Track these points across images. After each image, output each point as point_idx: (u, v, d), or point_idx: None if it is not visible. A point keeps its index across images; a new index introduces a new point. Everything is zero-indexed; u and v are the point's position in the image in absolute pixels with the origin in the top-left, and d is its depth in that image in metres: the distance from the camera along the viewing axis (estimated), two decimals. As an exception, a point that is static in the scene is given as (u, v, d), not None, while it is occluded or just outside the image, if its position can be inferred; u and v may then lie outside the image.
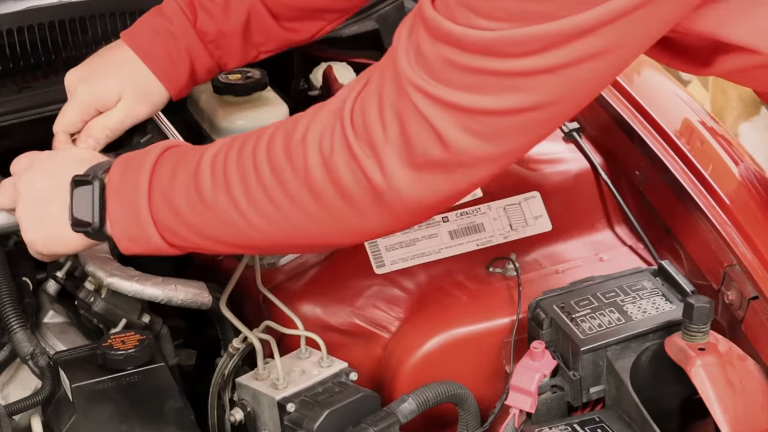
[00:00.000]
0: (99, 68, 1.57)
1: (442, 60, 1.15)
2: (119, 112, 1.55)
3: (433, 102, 1.16)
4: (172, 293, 1.55)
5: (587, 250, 1.69)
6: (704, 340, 1.39)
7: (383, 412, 1.42)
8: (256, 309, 1.62)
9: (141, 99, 1.56)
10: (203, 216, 1.29)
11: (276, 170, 1.24)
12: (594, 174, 1.75)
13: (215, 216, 1.29)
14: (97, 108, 1.55)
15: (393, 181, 1.19)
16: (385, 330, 1.62)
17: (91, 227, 1.34)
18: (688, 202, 1.62)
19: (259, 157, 1.26)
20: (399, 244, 1.65)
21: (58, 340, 1.56)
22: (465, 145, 1.17)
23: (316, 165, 1.22)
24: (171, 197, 1.30)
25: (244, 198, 1.26)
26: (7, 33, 1.72)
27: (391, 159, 1.19)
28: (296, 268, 1.64)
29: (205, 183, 1.28)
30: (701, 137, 1.74)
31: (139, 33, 1.57)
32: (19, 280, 1.54)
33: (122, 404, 1.38)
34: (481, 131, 1.16)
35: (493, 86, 1.14)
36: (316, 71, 1.93)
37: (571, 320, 1.49)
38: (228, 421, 1.50)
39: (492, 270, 1.64)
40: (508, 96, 1.14)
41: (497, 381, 1.58)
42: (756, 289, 1.47)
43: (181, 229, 1.31)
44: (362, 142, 1.19)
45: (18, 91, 1.71)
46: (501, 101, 1.15)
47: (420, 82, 1.16)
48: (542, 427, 1.42)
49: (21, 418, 1.46)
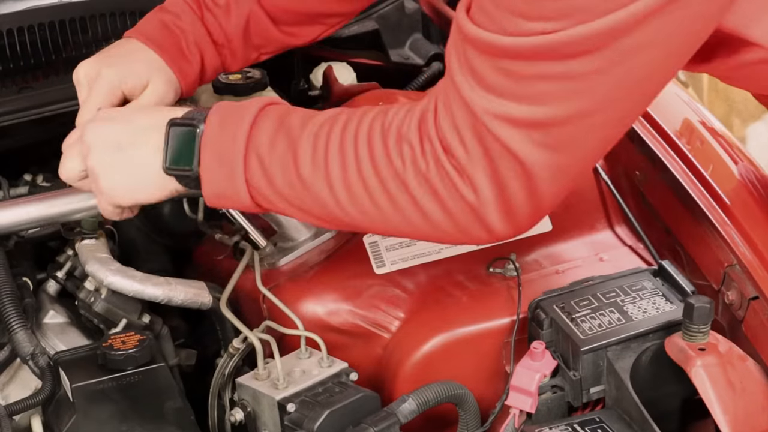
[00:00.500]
0: (118, 55, 1.55)
1: (501, 74, 1.15)
2: (153, 95, 1.53)
3: (504, 122, 1.17)
4: (172, 293, 1.55)
5: (587, 250, 1.69)
6: (704, 340, 1.39)
7: (383, 412, 1.42)
8: (256, 309, 1.62)
9: (169, 84, 1.54)
10: (298, 191, 1.30)
11: (375, 166, 1.25)
12: (594, 174, 1.75)
13: (309, 194, 1.29)
14: (124, 91, 1.52)
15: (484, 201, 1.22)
16: (385, 330, 1.62)
17: (192, 172, 1.32)
18: (689, 202, 1.62)
19: (360, 147, 1.26)
20: (399, 244, 1.64)
21: (58, 340, 1.56)
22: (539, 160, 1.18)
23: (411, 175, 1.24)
24: (268, 164, 1.30)
25: (342, 186, 1.27)
26: (7, 33, 1.73)
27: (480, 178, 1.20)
28: (296, 268, 1.64)
29: (304, 160, 1.28)
30: (701, 137, 1.74)
31: (146, 28, 1.57)
32: (19, 280, 1.54)
33: (122, 404, 1.39)
34: (551, 143, 1.18)
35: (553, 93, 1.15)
36: (316, 71, 1.93)
37: (572, 320, 1.49)
38: (228, 421, 1.50)
39: (492, 270, 1.64)
40: (569, 101, 1.15)
41: (497, 381, 1.58)
42: (756, 289, 1.47)
43: (272, 195, 1.31)
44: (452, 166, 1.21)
45: (18, 91, 1.72)
46: (563, 107, 1.15)
47: (488, 105, 1.17)
48: (542, 427, 1.42)
49: (21, 418, 1.46)
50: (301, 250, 1.64)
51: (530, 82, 1.15)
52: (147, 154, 1.35)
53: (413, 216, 1.26)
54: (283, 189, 1.30)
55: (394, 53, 2.06)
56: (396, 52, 2.07)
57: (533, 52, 1.13)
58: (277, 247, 1.65)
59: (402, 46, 2.08)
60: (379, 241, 1.64)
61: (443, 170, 1.22)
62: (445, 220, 1.25)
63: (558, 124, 1.17)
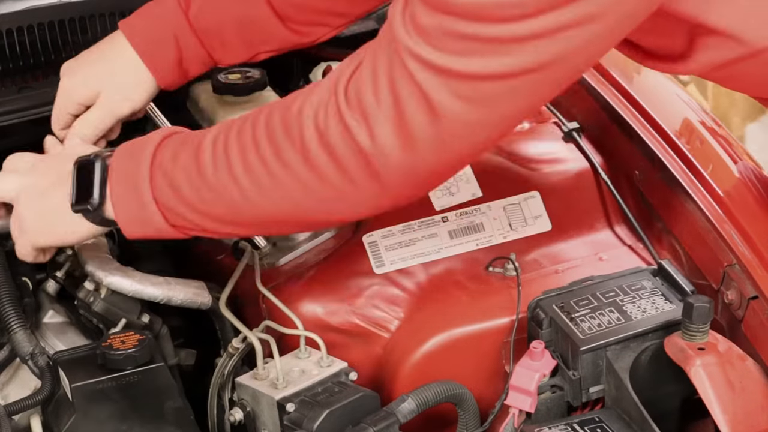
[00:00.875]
0: (86, 60, 1.59)
1: (438, 27, 1.15)
2: (99, 109, 1.56)
3: (426, 67, 1.16)
4: (171, 293, 1.55)
5: (587, 250, 1.69)
6: (704, 339, 1.39)
7: (383, 412, 1.42)
8: (256, 309, 1.62)
9: (123, 93, 1.56)
10: (204, 194, 1.30)
11: (274, 143, 1.25)
12: (594, 174, 1.75)
13: (215, 193, 1.30)
14: (78, 102, 1.56)
15: (381, 147, 1.20)
16: (384, 330, 1.62)
17: (91, 204, 1.35)
18: (688, 201, 1.62)
19: (258, 132, 1.27)
20: (399, 244, 1.64)
21: (57, 340, 1.56)
22: (455, 110, 1.17)
23: (311, 138, 1.23)
24: (173, 177, 1.31)
25: (243, 173, 1.27)
26: (7, 33, 1.73)
27: (382, 125, 1.19)
28: (296, 268, 1.64)
29: (206, 161, 1.29)
30: (701, 137, 1.74)
31: (132, 18, 1.59)
32: (19, 280, 1.54)
33: (122, 404, 1.38)
34: (471, 96, 1.17)
35: (483, 51, 1.14)
36: (316, 71, 1.93)
37: (571, 320, 1.49)
38: (228, 421, 1.50)
39: (492, 270, 1.64)
40: (498, 60, 1.14)
41: (497, 381, 1.58)
42: (755, 289, 1.47)
43: (182, 208, 1.32)
44: (354, 112, 1.20)
45: (18, 91, 1.72)
46: (490, 65, 1.15)
47: (416, 48, 1.16)
48: (542, 427, 1.42)
49: (21, 418, 1.46)
50: (301, 249, 1.65)
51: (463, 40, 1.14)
52: (64, 201, 1.39)
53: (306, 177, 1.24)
54: (191, 196, 1.31)
55: (393, 53, 2.06)
56: (396, 52, 2.06)
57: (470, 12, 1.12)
58: (276, 246, 1.65)
59: (402, 46, 2.07)
60: (378, 240, 1.64)
61: (342, 123, 1.21)
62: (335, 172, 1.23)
63: (482, 78, 1.16)
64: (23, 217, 1.43)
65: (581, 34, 1.14)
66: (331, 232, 1.66)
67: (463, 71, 1.15)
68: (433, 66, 1.16)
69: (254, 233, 1.54)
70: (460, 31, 1.14)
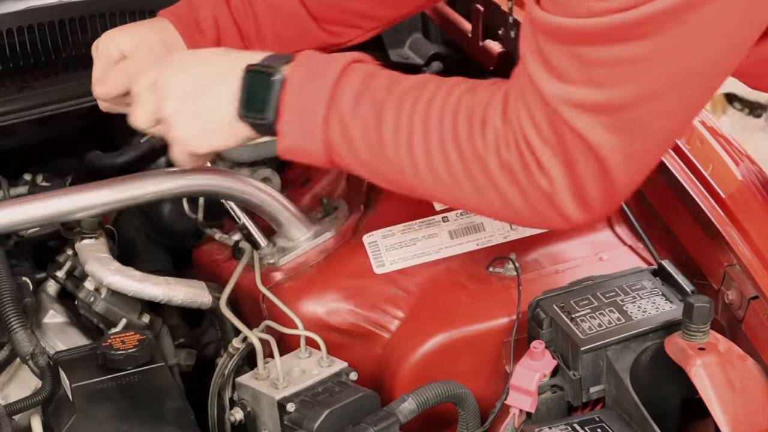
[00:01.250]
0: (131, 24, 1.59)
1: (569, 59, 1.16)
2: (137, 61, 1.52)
3: (575, 108, 1.18)
4: (172, 293, 1.55)
5: (587, 250, 1.69)
6: (704, 339, 1.39)
7: (383, 411, 1.42)
8: (256, 309, 1.62)
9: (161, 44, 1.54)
10: (377, 156, 1.30)
11: (459, 143, 1.25)
12: (594, 174, 1.75)
13: (387, 159, 1.29)
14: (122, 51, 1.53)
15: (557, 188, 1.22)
16: (385, 330, 1.62)
17: (266, 120, 1.31)
18: (688, 202, 1.62)
19: (445, 122, 1.26)
20: (399, 244, 1.64)
21: (58, 340, 1.56)
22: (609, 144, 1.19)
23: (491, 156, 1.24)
24: (349, 126, 1.29)
25: (422, 156, 1.27)
26: (7, 33, 1.73)
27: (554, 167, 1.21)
28: (296, 268, 1.64)
29: (386, 127, 1.28)
30: (701, 137, 1.74)
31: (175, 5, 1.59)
32: (19, 280, 1.54)
33: (122, 404, 1.39)
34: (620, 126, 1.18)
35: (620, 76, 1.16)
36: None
37: (571, 320, 1.49)
38: (228, 421, 1.50)
39: (492, 270, 1.64)
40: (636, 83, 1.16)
41: (497, 381, 1.58)
42: (756, 289, 1.47)
43: (350, 157, 1.31)
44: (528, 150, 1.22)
45: (18, 91, 1.72)
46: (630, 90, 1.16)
47: (558, 91, 1.18)
48: (542, 426, 1.42)
49: (21, 418, 1.46)
50: (301, 249, 1.65)
51: (597, 66, 1.16)
52: (222, 100, 1.33)
53: (491, 197, 1.26)
54: (363, 152, 1.30)
55: (393, 53, 2.06)
56: (396, 51, 2.07)
57: (600, 33, 1.14)
58: (277, 246, 1.66)
59: (402, 46, 2.08)
60: (378, 240, 1.64)
61: (522, 157, 1.22)
62: (522, 204, 1.25)
63: (626, 107, 1.17)
64: (172, 123, 1.36)
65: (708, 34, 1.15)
66: (332, 232, 1.66)
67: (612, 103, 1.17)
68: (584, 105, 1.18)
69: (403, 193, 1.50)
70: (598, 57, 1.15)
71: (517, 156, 1.23)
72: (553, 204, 1.24)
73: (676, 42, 1.14)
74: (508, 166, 1.24)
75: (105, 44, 1.54)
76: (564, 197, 1.23)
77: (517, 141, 1.23)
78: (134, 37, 1.54)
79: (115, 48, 1.53)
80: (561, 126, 1.19)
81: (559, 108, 1.19)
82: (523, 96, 1.22)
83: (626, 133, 1.19)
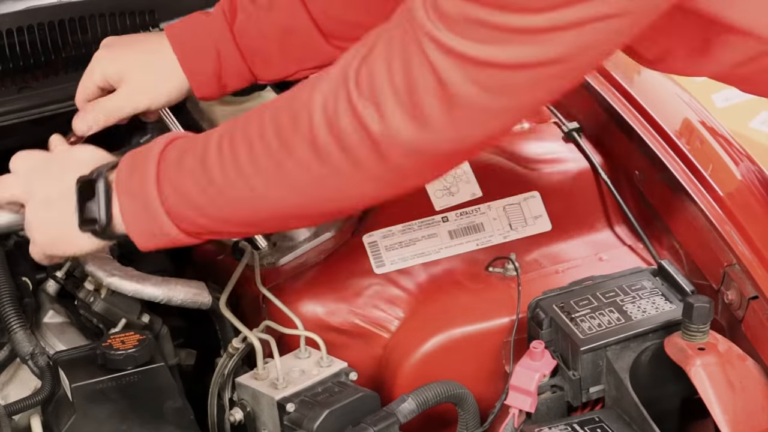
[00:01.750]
0: (126, 42, 1.59)
1: (460, 14, 1.14)
2: (117, 96, 1.55)
3: (445, 52, 1.15)
4: (171, 293, 1.55)
5: (587, 250, 1.69)
6: (704, 339, 1.39)
7: (383, 412, 1.42)
8: (256, 309, 1.62)
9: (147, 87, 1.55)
10: (212, 196, 1.29)
11: (281, 135, 1.24)
12: (594, 174, 1.75)
13: (223, 194, 1.28)
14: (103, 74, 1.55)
15: (391, 129, 1.19)
16: (385, 330, 1.62)
17: (98, 225, 1.34)
18: (688, 201, 1.62)
19: (265, 125, 1.25)
20: (399, 244, 1.65)
21: (57, 340, 1.56)
22: (471, 96, 1.16)
23: (320, 125, 1.22)
24: (179, 183, 1.30)
25: (250, 168, 1.26)
26: (7, 33, 1.73)
27: (393, 108, 1.18)
28: (296, 268, 1.64)
29: (212, 162, 1.28)
30: (701, 137, 1.74)
31: (178, 23, 1.59)
32: (19, 280, 1.54)
33: (122, 404, 1.38)
34: (488, 84, 1.16)
35: (505, 40, 1.14)
36: (316, 71, 1.92)
37: (571, 320, 1.49)
38: (228, 421, 1.50)
39: (492, 270, 1.64)
40: (519, 50, 1.14)
41: (497, 381, 1.58)
42: (756, 289, 1.47)
43: (192, 213, 1.31)
44: (365, 98, 1.19)
45: (18, 91, 1.72)
46: (512, 54, 1.14)
47: (436, 33, 1.15)
48: (542, 427, 1.42)
49: (21, 418, 1.46)
50: (301, 249, 1.65)
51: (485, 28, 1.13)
52: (69, 213, 1.37)
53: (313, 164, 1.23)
54: (199, 200, 1.30)
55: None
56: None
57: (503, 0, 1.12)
58: (276, 246, 1.66)
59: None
60: (378, 240, 1.64)
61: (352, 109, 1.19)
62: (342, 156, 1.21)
63: (501, 67, 1.15)
64: (31, 225, 1.41)
65: (605, 27, 1.13)
66: (331, 232, 1.66)
67: (483, 59, 1.14)
68: (453, 51, 1.15)
69: (267, 230, 1.52)
70: (484, 19, 1.13)
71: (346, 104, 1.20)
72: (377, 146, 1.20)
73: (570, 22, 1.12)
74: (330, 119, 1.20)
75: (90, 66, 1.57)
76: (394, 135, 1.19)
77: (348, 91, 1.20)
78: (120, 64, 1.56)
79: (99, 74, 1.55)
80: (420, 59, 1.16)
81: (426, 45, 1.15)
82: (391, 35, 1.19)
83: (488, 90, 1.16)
